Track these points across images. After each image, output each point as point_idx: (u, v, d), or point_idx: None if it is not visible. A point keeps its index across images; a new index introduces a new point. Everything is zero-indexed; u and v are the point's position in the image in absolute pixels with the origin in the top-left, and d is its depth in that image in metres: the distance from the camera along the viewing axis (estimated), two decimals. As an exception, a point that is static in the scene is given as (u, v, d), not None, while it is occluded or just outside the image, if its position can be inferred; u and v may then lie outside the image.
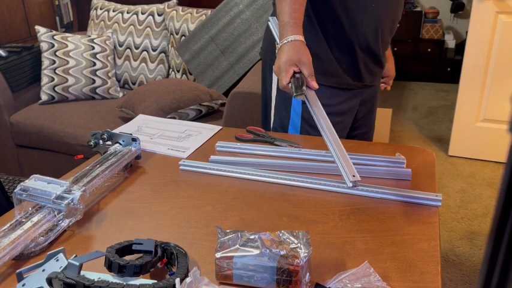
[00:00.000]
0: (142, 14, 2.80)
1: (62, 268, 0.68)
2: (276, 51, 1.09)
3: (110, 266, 0.69)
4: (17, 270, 0.70)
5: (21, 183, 0.85)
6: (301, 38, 1.06)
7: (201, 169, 1.06)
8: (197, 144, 1.20)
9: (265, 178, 1.02)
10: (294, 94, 1.03)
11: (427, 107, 3.83)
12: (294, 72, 1.04)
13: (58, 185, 0.85)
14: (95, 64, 2.62)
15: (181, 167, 1.08)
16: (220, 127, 1.30)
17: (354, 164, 0.90)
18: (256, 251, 0.69)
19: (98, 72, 2.62)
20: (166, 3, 2.79)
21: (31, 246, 0.79)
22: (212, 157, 1.11)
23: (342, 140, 1.19)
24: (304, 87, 1.03)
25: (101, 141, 1.11)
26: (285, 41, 1.06)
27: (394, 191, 0.93)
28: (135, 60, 2.79)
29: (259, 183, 1.01)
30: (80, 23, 3.70)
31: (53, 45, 2.58)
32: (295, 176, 1.01)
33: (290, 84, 1.04)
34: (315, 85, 1.04)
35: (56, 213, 0.83)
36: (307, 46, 1.08)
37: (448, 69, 4.27)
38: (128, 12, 2.83)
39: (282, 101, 1.32)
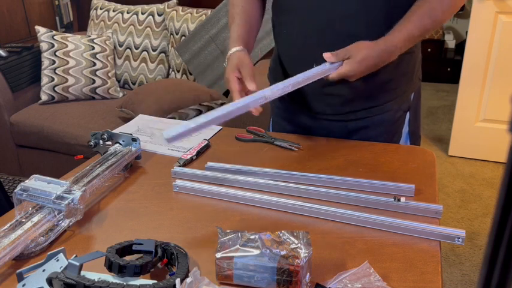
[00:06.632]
0: (142, 14, 2.80)
1: (62, 268, 0.68)
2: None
3: (110, 266, 0.69)
4: (17, 271, 0.70)
5: (21, 183, 0.85)
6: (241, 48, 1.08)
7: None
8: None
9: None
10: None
11: (427, 107, 3.83)
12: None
13: (58, 185, 0.85)
14: (95, 64, 2.62)
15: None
16: (220, 127, 1.29)
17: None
18: (256, 251, 0.69)
19: (98, 72, 2.62)
20: (166, 3, 2.79)
21: (31, 246, 0.79)
22: (209, 164, 1.08)
23: (342, 140, 1.19)
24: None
25: (101, 141, 1.10)
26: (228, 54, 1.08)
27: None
28: (135, 60, 2.80)
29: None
30: (80, 23, 3.70)
31: (53, 45, 2.58)
32: (296, 189, 0.95)
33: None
34: (252, 86, 1.04)
35: (56, 213, 0.83)
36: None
37: (448, 69, 4.27)
38: (128, 12, 2.83)
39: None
